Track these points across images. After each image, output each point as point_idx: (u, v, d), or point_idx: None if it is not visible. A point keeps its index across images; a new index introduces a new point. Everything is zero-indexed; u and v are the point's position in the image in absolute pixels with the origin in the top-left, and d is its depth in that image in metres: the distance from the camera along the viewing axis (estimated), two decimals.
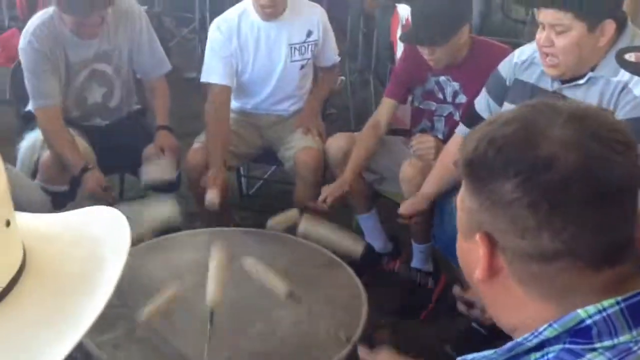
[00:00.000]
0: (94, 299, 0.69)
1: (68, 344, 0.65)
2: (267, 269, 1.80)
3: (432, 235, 2.27)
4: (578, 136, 0.68)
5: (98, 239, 0.79)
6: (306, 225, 1.93)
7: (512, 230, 0.70)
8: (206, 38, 4.35)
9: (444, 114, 2.42)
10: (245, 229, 2.30)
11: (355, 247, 1.90)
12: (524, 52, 2.01)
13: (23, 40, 2.44)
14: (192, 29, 4.87)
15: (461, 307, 1.73)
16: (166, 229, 2.13)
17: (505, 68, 2.04)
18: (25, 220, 0.77)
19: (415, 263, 2.53)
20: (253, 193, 3.33)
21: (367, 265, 2.35)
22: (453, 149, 2.17)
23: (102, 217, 0.84)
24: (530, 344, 0.71)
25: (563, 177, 0.67)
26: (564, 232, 0.67)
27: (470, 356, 0.77)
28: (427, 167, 2.27)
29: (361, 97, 4.21)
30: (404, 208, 2.21)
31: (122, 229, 0.80)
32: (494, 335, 2.26)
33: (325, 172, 2.59)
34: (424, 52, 2.28)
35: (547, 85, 1.91)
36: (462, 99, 2.36)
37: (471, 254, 0.75)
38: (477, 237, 0.73)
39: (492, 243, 0.72)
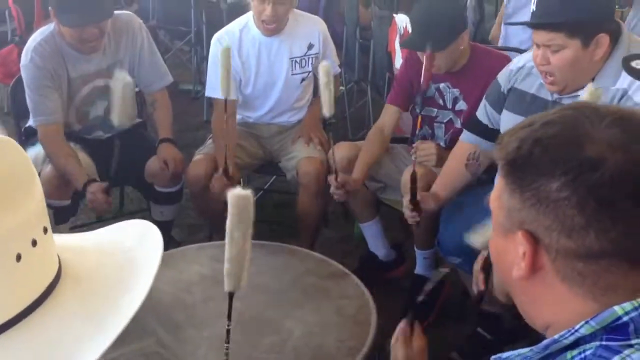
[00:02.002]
0: (131, 297, 0.72)
1: (108, 337, 0.67)
2: None
3: (437, 241, 2.28)
4: (623, 138, 0.70)
5: (131, 249, 0.81)
6: None
7: (557, 229, 0.71)
8: (202, 50, 4.41)
9: (444, 121, 2.45)
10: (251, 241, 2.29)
11: None
12: (521, 59, 2.04)
13: (25, 57, 2.43)
14: (187, 42, 4.88)
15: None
16: None
17: (501, 76, 2.07)
18: (59, 238, 0.78)
19: (418, 270, 2.54)
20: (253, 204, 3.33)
21: (372, 274, 2.36)
22: (460, 154, 2.19)
23: (134, 228, 0.86)
24: (566, 341, 0.72)
25: (611, 177, 0.68)
26: (612, 231, 0.69)
27: (505, 354, 0.78)
28: (429, 174, 2.29)
29: (358, 107, 4.23)
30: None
31: (154, 237, 0.82)
32: (499, 340, 2.26)
33: (327, 181, 2.61)
34: (424, 58, 2.30)
35: (547, 95, 1.93)
36: (461, 105, 2.39)
37: (508, 252, 0.76)
38: (520, 235, 0.73)
39: (535, 241, 0.73)
